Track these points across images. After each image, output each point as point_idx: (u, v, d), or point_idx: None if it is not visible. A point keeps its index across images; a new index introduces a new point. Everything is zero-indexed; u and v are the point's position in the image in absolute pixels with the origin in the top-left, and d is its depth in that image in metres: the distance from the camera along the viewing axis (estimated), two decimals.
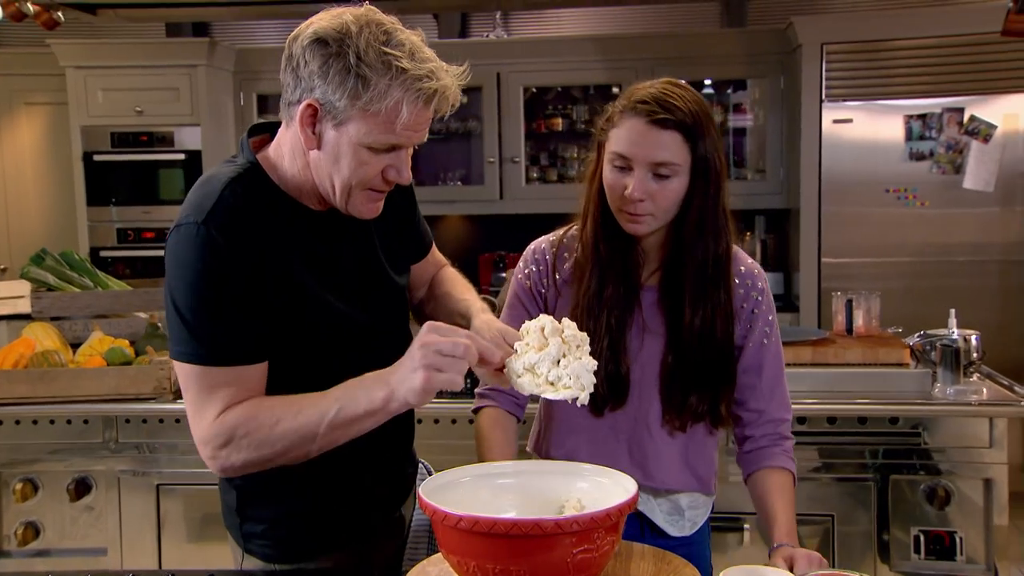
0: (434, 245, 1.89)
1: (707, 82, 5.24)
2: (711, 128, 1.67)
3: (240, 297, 1.46)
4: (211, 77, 5.09)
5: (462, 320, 1.67)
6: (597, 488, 1.45)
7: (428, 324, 1.39)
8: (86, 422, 2.92)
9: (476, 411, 1.84)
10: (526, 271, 1.85)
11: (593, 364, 1.44)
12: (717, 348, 1.73)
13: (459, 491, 1.44)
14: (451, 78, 1.45)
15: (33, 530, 2.95)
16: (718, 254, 1.71)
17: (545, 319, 1.48)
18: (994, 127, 4.44)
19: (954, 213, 4.53)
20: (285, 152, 1.54)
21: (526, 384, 1.45)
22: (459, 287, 1.81)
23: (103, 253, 5.15)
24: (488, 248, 5.42)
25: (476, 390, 1.85)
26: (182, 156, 5.09)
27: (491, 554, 1.28)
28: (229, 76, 5.28)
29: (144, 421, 2.91)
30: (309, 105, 1.43)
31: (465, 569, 1.33)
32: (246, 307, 1.47)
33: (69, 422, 2.93)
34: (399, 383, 1.39)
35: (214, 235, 1.44)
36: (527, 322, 1.50)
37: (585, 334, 1.48)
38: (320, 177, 1.50)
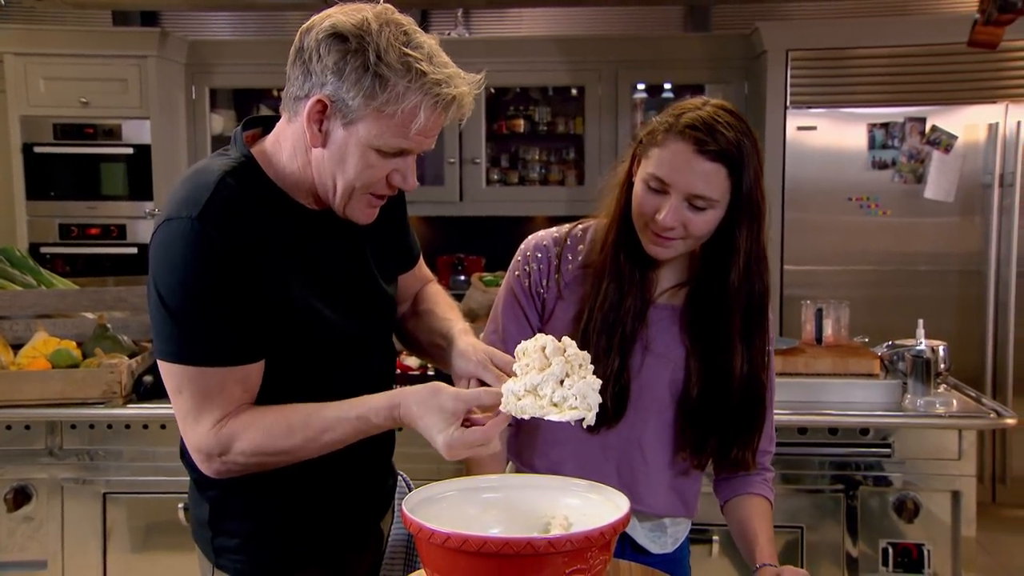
0: (421, 259, 1.82)
1: (667, 86, 5.22)
2: (755, 161, 1.57)
3: (235, 295, 1.39)
4: (162, 69, 4.92)
5: (443, 341, 1.61)
6: (586, 504, 1.39)
7: (446, 443, 1.35)
8: (28, 428, 2.79)
9: None
10: (525, 269, 1.75)
11: (598, 383, 1.37)
12: (759, 396, 1.67)
13: (443, 506, 1.37)
14: (468, 86, 1.41)
15: None
16: (762, 294, 1.65)
17: (545, 339, 1.40)
18: (955, 137, 4.47)
19: (915, 222, 4.55)
20: (285, 147, 1.47)
21: (528, 407, 1.36)
22: (442, 305, 1.74)
23: (43, 249, 4.95)
24: (447, 250, 5.34)
25: None
26: (130, 150, 4.91)
27: (480, 573, 1.21)
28: (181, 68, 5.13)
29: (91, 426, 2.79)
30: (319, 101, 1.37)
31: None
32: (241, 306, 1.39)
33: (9, 427, 2.79)
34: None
35: (209, 231, 1.36)
36: (523, 343, 1.42)
37: (587, 353, 1.40)
38: (322, 176, 1.44)
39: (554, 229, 1.79)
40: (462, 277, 5.16)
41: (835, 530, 2.72)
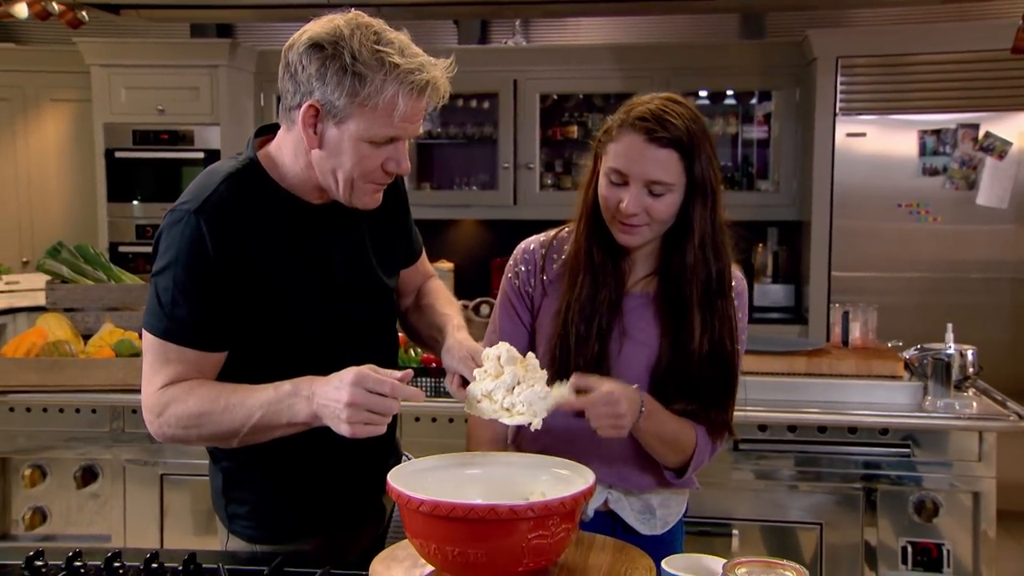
0: (424, 254, 1.96)
1: (729, 92, 5.26)
2: (706, 145, 1.70)
3: (213, 288, 1.54)
4: (232, 77, 5.18)
5: (439, 335, 1.74)
6: (559, 480, 1.50)
7: (356, 375, 1.43)
8: (94, 411, 2.99)
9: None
10: (515, 270, 1.89)
11: (547, 391, 1.52)
12: (724, 364, 1.76)
13: (427, 479, 1.50)
14: (440, 71, 1.54)
15: (40, 515, 3.03)
16: (720, 270, 1.75)
17: (502, 347, 1.55)
18: (1009, 144, 4.43)
19: (967, 229, 4.52)
20: (287, 152, 1.61)
21: (485, 409, 1.54)
22: (442, 300, 1.88)
23: (122, 248, 5.25)
24: (501, 253, 5.44)
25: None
26: (202, 155, 5.18)
27: (450, 537, 1.34)
28: (250, 77, 5.38)
29: None
30: (310, 107, 1.51)
31: (427, 552, 1.38)
32: (218, 299, 1.55)
33: (78, 411, 2.99)
34: (325, 417, 1.46)
35: (201, 226, 1.53)
36: (487, 349, 1.57)
37: (544, 370, 1.56)
38: (323, 174, 1.58)
39: (543, 233, 1.92)
40: None
41: (855, 527, 2.75)
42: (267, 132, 1.70)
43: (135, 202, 5.28)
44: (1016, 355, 4.33)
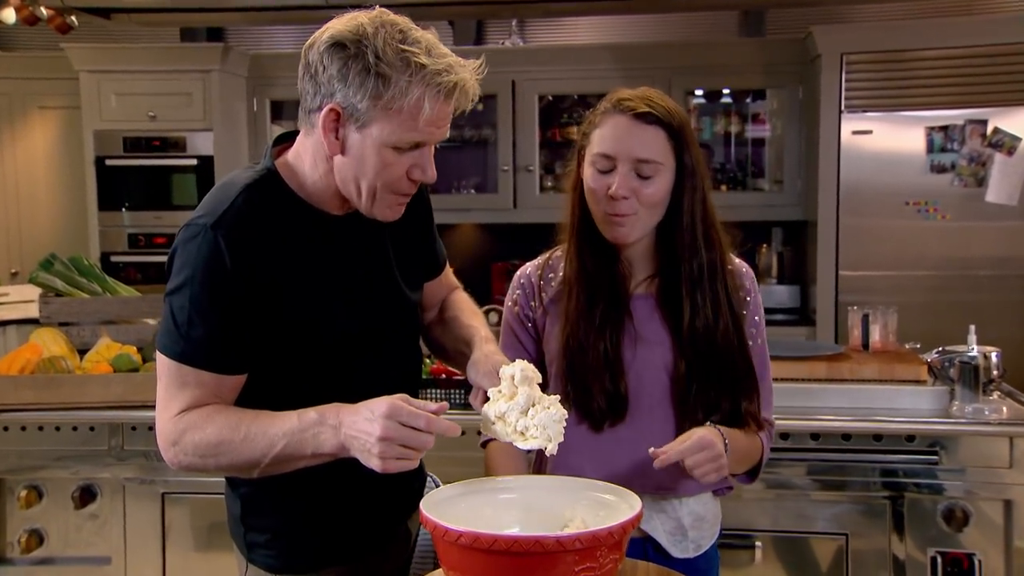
0: (448, 266, 1.88)
1: (725, 91, 5.20)
2: (693, 136, 1.70)
3: (232, 307, 1.46)
4: (224, 82, 5.08)
5: (465, 348, 1.67)
6: (601, 505, 1.42)
7: (389, 407, 1.36)
8: (92, 429, 2.90)
9: (484, 444, 1.81)
10: (513, 298, 1.86)
11: (562, 414, 1.45)
12: (724, 347, 1.72)
13: (461, 506, 1.42)
14: (469, 72, 1.47)
15: (37, 537, 2.94)
16: (712, 259, 1.72)
17: (517, 367, 1.48)
18: (1018, 139, 4.37)
19: (976, 227, 4.45)
20: (306, 159, 1.53)
21: (499, 431, 1.46)
22: (467, 312, 1.81)
23: (114, 258, 5.14)
24: (501, 257, 5.39)
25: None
26: (194, 161, 5.07)
27: (492, 571, 1.27)
28: (243, 81, 5.27)
29: (150, 428, 2.87)
30: (331, 110, 1.44)
31: None
32: (237, 318, 1.47)
33: (75, 429, 2.90)
34: (354, 450, 1.39)
35: (220, 242, 1.45)
36: (503, 368, 1.50)
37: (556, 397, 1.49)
38: (344, 181, 1.50)
39: (538, 257, 1.88)
40: None
41: (881, 538, 2.68)
42: (285, 140, 1.61)
43: (126, 211, 5.17)
44: None
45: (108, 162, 5.11)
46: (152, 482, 2.92)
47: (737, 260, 1.83)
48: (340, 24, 1.44)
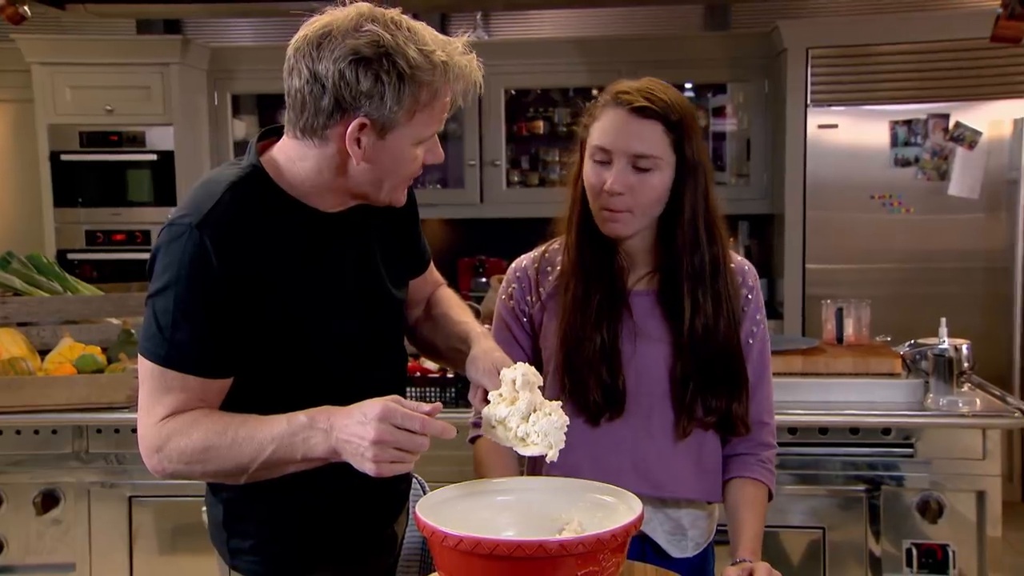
0: (432, 263, 1.85)
1: (687, 85, 5.20)
2: (696, 129, 1.66)
3: (219, 309, 1.41)
4: (184, 76, 4.96)
5: (462, 345, 1.63)
6: (599, 507, 1.39)
7: (383, 409, 1.32)
8: (55, 432, 2.82)
9: (472, 440, 1.77)
10: (508, 291, 1.82)
11: (564, 421, 1.42)
12: (722, 348, 1.69)
13: (456, 509, 1.39)
14: (473, 61, 1.46)
15: None
16: (714, 255, 1.68)
17: (519, 371, 1.44)
18: (979, 134, 4.42)
19: (939, 220, 4.51)
20: (304, 164, 1.48)
21: (500, 436, 1.43)
22: (456, 309, 1.77)
23: (70, 256, 5.01)
24: (468, 252, 5.35)
25: (471, 420, 1.78)
26: (153, 157, 4.95)
27: None
28: (203, 75, 5.16)
29: (116, 431, 2.82)
30: (360, 123, 1.40)
31: None
32: (223, 320, 1.42)
33: (36, 432, 2.82)
34: (347, 454, 1.35)
35: (206, 242, 1.40)
36: (505, 370, 1.46)
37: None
38: (361, 184, 1.47)
39: (534, 250, 1.84)
40: (483, 279, 5.16)
41: (858, 530, 2.69)
42: (269, 136, 1.56)
43: (83, 207, 5.04)
44: (990, 345, 4.31)
45: (63, 157, 4.97)
46: (118, 485, 2.85)
47: (739, 257, 1.81)
48: (343, 33, 1.37)
